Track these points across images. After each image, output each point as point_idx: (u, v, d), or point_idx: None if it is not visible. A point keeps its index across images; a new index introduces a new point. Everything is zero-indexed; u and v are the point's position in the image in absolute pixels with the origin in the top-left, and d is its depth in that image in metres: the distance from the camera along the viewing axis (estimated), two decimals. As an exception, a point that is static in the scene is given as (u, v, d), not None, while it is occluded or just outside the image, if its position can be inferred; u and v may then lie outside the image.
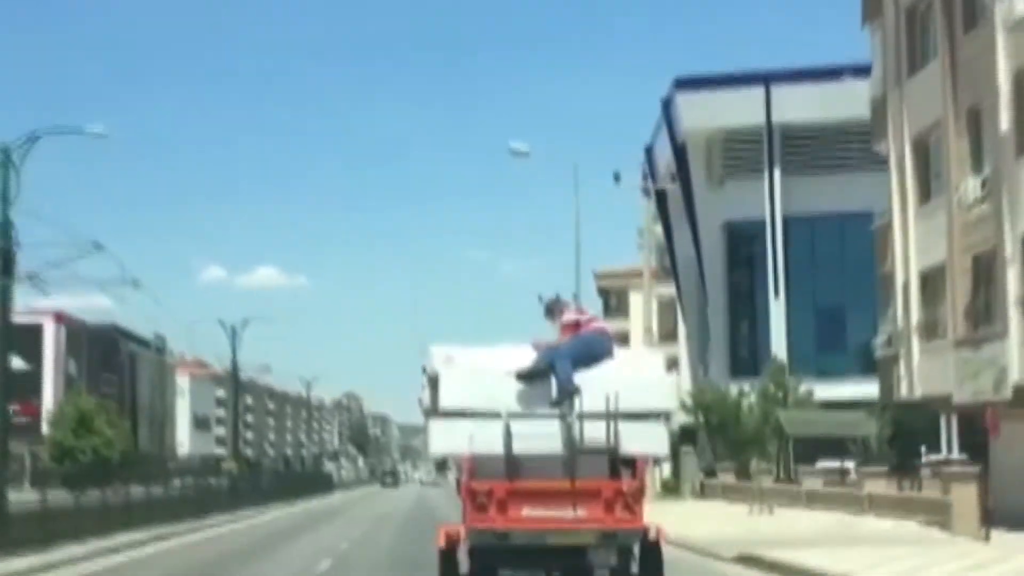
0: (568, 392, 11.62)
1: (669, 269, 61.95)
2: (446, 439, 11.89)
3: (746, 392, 47.17)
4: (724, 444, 46.81)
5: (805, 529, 26.35)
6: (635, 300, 73.63)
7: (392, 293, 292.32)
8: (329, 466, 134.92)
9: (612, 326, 15.45)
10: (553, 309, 12.75)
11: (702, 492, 45.64)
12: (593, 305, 63.84)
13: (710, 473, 46.88)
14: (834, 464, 38.31)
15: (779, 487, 38.49)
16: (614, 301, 77.52)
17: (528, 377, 11.80)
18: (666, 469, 47.76)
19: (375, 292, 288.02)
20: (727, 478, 44.33)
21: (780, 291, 52.95)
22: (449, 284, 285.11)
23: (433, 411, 12.07)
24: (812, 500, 34.41)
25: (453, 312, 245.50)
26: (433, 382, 12.15)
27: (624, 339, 58.52)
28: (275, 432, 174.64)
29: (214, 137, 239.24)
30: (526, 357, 12.01)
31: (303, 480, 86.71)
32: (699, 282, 56.32)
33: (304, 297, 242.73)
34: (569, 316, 12.52)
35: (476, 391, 11.73)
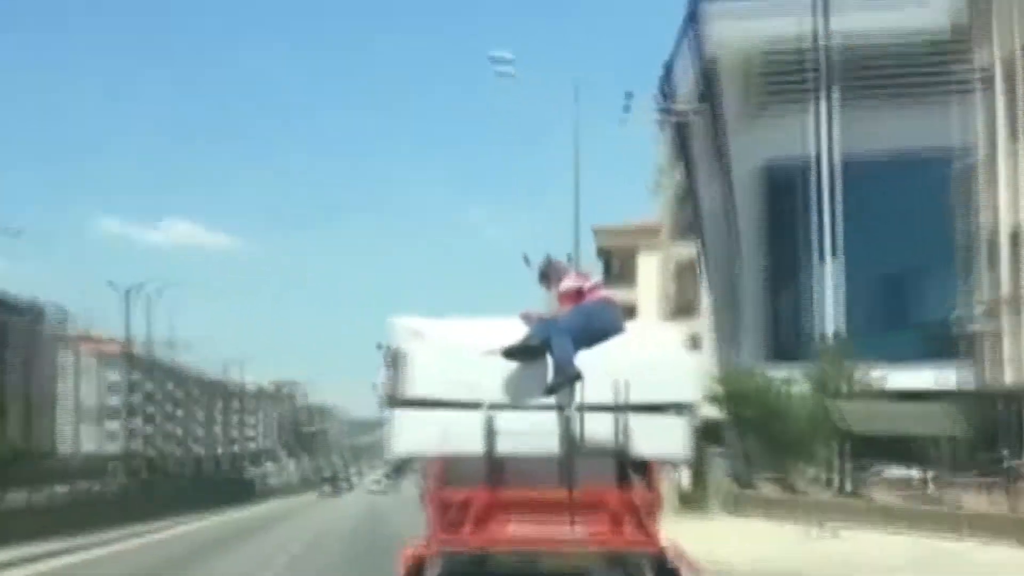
0: (568, 376, 11.43)
1: (689, 224, 61.80)
2: (411, 435, 11.74)
3: (790, 380, 46.71)
4: (761, 445, 46.46)
5: (888, 556, 25.56)
6: (644, 264, 73.68)
7: (348, 258, 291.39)
8: (257, 469, 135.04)
9: (615, 296, 15.17)
10: (549, 274, 12.52)
11: (735, 506, 45.23)
12: (592, 269, 63.72)
13: (744, 483, 46.77)
14: (907, 472, 37.85)
15: (840, 501, 37.90)
16: (617, 265, 77.25)
17: (518, 354, 11.65)
18: (686, 476, 47.61)
19: (326, 256, 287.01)
20: (768, 489, 43.94)
21: (831, 252, 52.99)
22: (417, 247, 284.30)
23: (396, 400, 11.92)
24: (889, 519, 33.51)
25: (423, 282, 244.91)
26: (396, 363, 11.97)
27: (630, 312, 58.52)
28: (193, 425, 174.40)
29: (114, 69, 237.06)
30: (514, 332, 11.83)
31: (221, 486, 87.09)
32: (729, 241, 56.30)
33: (232, 262, 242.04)
34: (569, 283, 12.32)
35: (451, 375, 11.56)
